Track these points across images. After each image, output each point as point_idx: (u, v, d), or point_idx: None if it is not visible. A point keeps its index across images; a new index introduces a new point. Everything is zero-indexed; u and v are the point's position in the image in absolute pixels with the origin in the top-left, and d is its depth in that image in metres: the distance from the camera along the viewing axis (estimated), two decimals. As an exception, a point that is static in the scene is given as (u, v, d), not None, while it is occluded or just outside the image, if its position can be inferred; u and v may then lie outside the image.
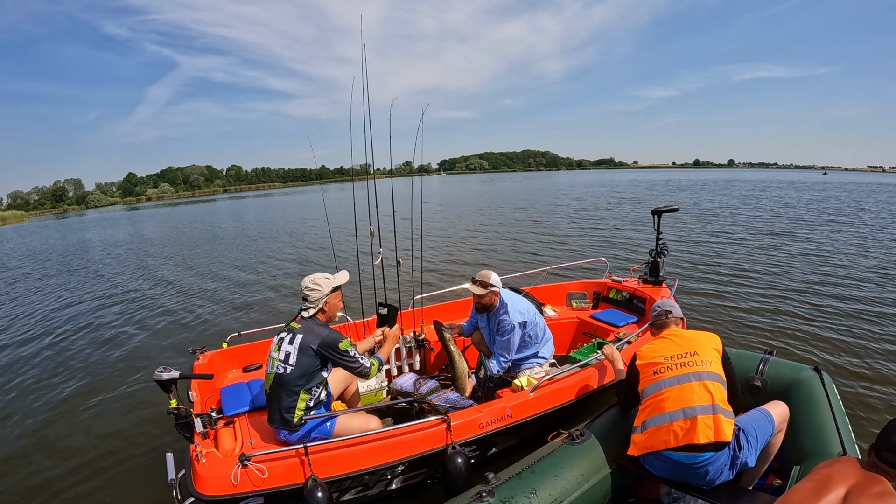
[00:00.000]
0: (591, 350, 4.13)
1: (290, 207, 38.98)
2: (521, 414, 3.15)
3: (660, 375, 2.57)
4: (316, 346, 2.84)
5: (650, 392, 2.59)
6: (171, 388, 2.76)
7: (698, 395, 2.44)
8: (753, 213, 19.96)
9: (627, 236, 13.68)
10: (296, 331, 2.90)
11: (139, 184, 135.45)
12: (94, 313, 9.02)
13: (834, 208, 21.46)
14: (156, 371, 2.73)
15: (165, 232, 24.81)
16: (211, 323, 7.83)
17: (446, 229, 17.61)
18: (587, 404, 3.54)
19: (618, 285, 5.31)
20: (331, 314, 3.06)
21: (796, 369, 3.17)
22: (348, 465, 2.72)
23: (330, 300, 3.00)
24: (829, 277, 8.62)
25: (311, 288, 2.95)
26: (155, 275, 12.61)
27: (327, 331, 2.92)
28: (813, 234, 13.38)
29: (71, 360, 6.56)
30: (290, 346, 2.86)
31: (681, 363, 2.56)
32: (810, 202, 24.77)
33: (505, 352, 3.80)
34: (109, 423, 4.70)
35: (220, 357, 4.06)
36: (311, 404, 2.92)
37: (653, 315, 3.01)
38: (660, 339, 2.80)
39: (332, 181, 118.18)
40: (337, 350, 2.88)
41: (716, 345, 2.68)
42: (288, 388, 2.84)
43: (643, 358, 2.72)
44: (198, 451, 2.66)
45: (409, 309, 4.63)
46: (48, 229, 37.82)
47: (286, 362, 2.84)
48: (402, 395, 3.86)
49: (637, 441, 2.58)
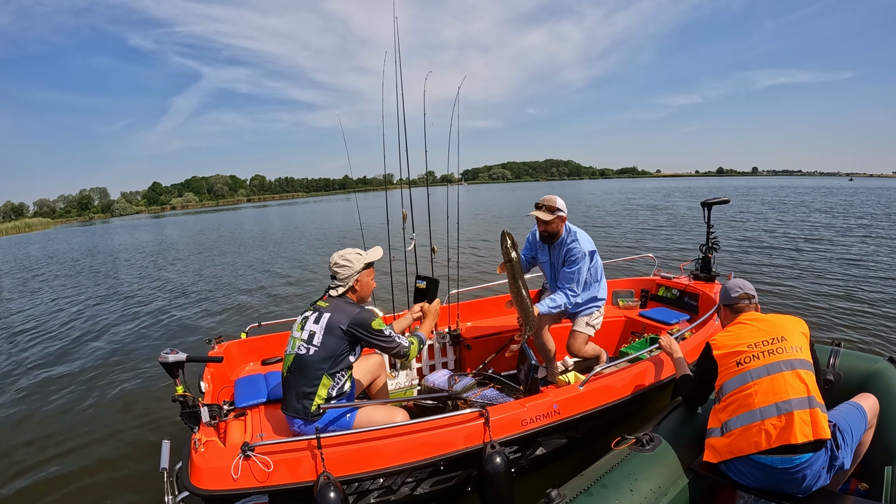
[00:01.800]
0: (643, 345, 3.74)
1: (316, 213, 40.10)
2: (569, 410, 2.75)
3: (745, 366, 2.16)
4: (346, 325, 2.53)
5: (733, 387, 2.18)
6: (178, 372, 2.53)
7: (792, 386, 2.04)
8: (786, 215, 19.51)
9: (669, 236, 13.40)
10: (323, 309, 2.61)
11: (164, 193, 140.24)
12: (113, 306, 9.14)
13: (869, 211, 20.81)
14: (161, 353, 2.50)
15: (196, 237, 25.49)
16: (232, 313, 7.85)
17: (480, 229, 17.49)
18: (643, 403, 3.15)
19: (668, 282, 4.90)
20: (363, 294, 2.77)
21: (870, 361, 2.86)
22: (367, 463, 2.36)
23: (362, 278, 2.72)
24: (873, 267, 8.41)
25: (340, 264, 2.67)
26: (173, 273, 12.89)
27: (358, 308, 2.62)
28: (841, 237, 12.85)
29: (81, 349, 6.63)
30: (316, 325, 2.56)
31: (768, 350, 2.15)
32: (840, 205, 24.40)
33: (574, 284, 3.46)
34: (109, 410, 4.65)
35: (237, 348, 3.79)
36: (333, 393, 2.59)
37: (730, 297, 2.52)
38: (737, 325, 2.38)
39: (356, 191, 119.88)
40: (369, 329, 2.56)
41: (803, 329, 2.27)
42: (309, 370, 2.53)
43: (721, 347, 2.30)
44: (197, 439, 2.37)
45: (444, 304, 4.30)
46: (76, 235, 39.34)
47: (309, 342, 2.54)
48: (434, 392, 3.52)
49: (717, 445, 2.18)
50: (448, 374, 3.62)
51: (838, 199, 29.20)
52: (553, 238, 3.56)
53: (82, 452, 3.92)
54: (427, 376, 3.67)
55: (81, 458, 3.85)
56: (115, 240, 28.79)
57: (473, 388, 3.36)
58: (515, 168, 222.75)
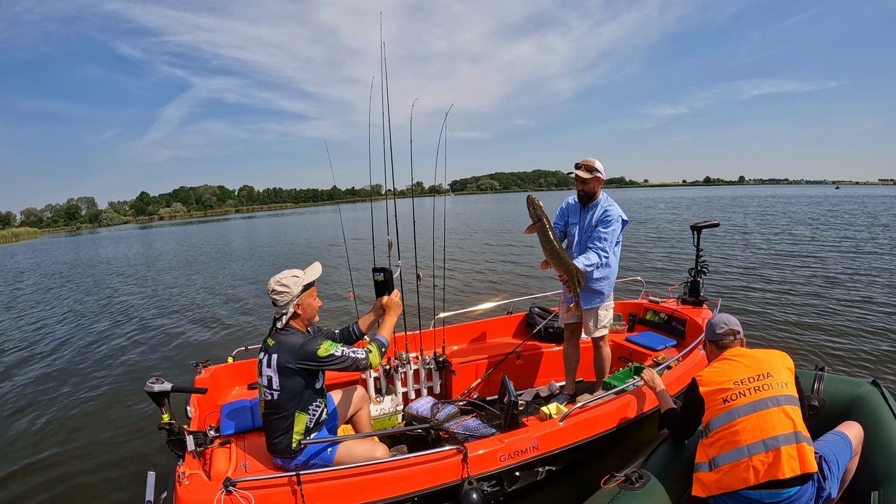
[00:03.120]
0: (627, 375, 3.74)
1: (303, 226, 39.60)
2: (548, 446, 2.77)
3: (731, 403, 2.21)
4: (293, 363, 2.48)
5: (720, 423, 2.22)
6: (164, 401, 2.56)
7: (779, 422, 2.10)
8: (767, 227, 19.62)
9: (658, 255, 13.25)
10: (270, 350, 2.55)
11: (152, 203, 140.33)
12: (94, 325, 9.06)
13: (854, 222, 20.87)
14: (147, 382, 2.53)
15: (184, 253, 25.08)
16: (220, 336, 7.74)
17: (465, 246, 17.40)
18: (623, 435, 3.15)
19: (655, 306, 4.92)
20: (307, 316, 2.65)
21: (854, 385, 2.86)
22: (346, 498, 2.38)
23: (303, 301, 2.59)
24: (854, 287, 8.43)
25: (277, 291, 2.54)
26: (163, 289, 12.75)
27: (301, 340, 2.52)
28: (818, 249, 12.98)
29: (74, 370, 6.51)
30: (269, 369, 2.53)
31: (755, 387, 2.21)
32: (825, 216, 24.59)
33: (606, 244, 3.48)
34: (100, 435, 4.56)
35: (224, 372, 3.81)
36: (311, 424, 2.61)
37: (715, 333, 2.55)
38: (722, 361, 2.42)
39: (344, 202, 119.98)
40: (318, 359, 2.50)
41: (788, 364, 2.34)
42: (281, 412, 2.54)
43: (707, 384, 2.33)
44: (181, 472, 2.38)
45: (430, 329, 4.32)
46: (62, 246, 39.07)
47: (270, 387, 2.54)
48: (417, 420, 3.53)
49: (706, 480, 2.22)
50: (432, 401, 3.63)
51: (823, 210, 29.37)
52: (590, 199, 3.61)
53: (66, 479, 3.89)
54: (411, 403, 3.69)
55: (64, 483, 3.82)
56: (102, 251, 28.69)
57: (456, 417, 3.36)
58: (503, 179, 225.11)
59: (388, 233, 3.79)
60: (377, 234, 3.97)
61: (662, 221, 24.59)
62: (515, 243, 17.45)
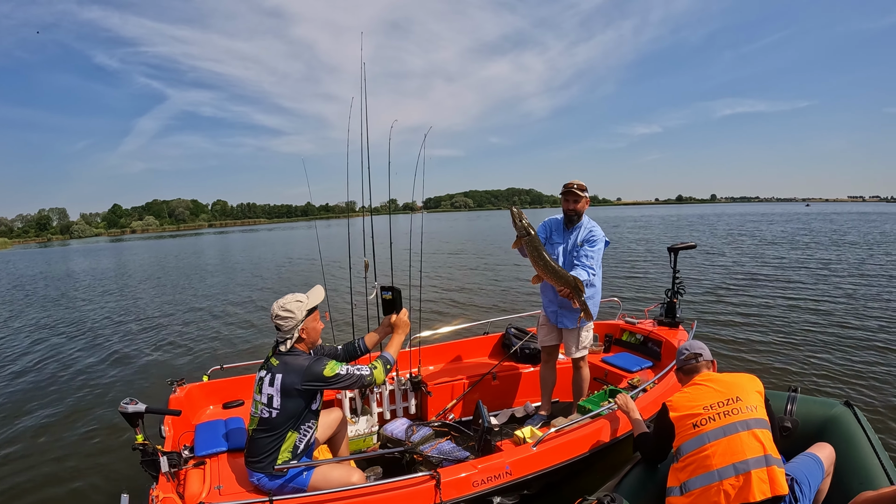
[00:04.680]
0: (602, 398, 3.76)
1: (277, 242, 39.40)
2: (522, 471, 2.76)
3: (701, 428, 2.24)
4: (300, 385, 2.50)
5: (691, 448, 2.25)
6: (138, 422, 2.55)
7: (749, 446, 2.13)
8: (737, 247, 19.76)
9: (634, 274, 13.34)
10: (274, 369, 2.56)
11: (124, 216, 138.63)
12: (71, 341, 8.89)
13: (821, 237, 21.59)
14: (121, 403, 2.53)
15: (156, 271, 24.57)
16: (196, 353, 7.60)
17: (442, 265, 17.27)
18: (597, 459, 3.16)
19: (631, 327, 4.96)
20: (311, 339, 2.69)
21: (827, 406, 2.88)
22: (318, 525, 2.34)
23: (307, 325, 2.62)
24: (828, 307, 8.55)
25: (282, 316, 2.57)
26: (139, 304, 12.50)
27: (308, 361, 2.55)
28: (791, 269, 13.18)
29: (42, 388, 6.36)
30: (272, 387, 2.53)
31: (724, 412, 2.24)
32: (796, 233, 25.29)
33: (593, 262, 3.52)
34: (74, 455, 4.44)
35: (199, 391, 3.77)
36: (301, 445, 2.60)
37: (680, 359, 2.66)
38: (693, 385, 2.46)
39: (318, 218, 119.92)
40: (325, 379, 2.53)
41: (758, 387, 2.38)
42: (276, 430, 2.53)
43: (677, 409, 2.37)
44: (155, 495, 2.35)
45: (406, 349, 4.29)
46: (32, 258, 38.27)
47: (270, 406, 2.53)
48: (392, 442, 3.50)
49: None
50: (407, 423, 3.60)
51: (795, 227, 30.18)
52: (576, 220, 3.65)
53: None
54: (386, 425, 3.65)
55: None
56: (73, 265, 28.04)
57: (431, 440, 3.35)
58: (478, 196, 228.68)
59: (364, 252, 3.78)
60: (354, 251, 3.98)
61: (634, 241, 24.77)
62: (491, 263, 17.42)
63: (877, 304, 8.56)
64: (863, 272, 12.07)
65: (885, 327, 7.09)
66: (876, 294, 9.48)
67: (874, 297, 9.15)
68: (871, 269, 12.46)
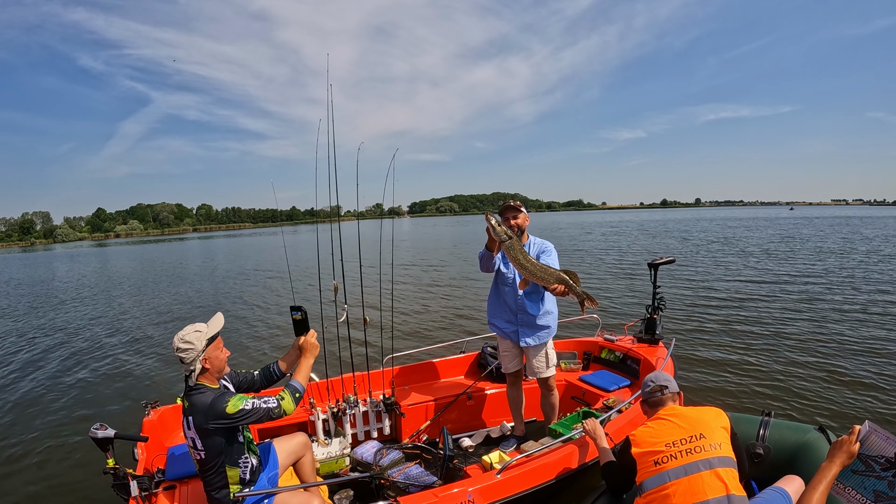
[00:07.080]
0: (574, 420, 3.74)
1: (256, 248, 38.90)
2: (485, 499, 2.72)
3: (662, 466, 2.20)
4: (208, 424, 2.40)
5: (652, 486, 2.21)
6: (108, 446, 2.57)
7: (710, 486, 2.08)
8: (718, 260, 19.09)
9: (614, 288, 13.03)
10: (186, 412, 2.47)
11: (108, 220, 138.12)
12: (47, 354, 8.79)
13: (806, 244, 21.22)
14: (91, 428, 2.55)
15: (139, 278, 24.12)
16: (169, 375, 7.38)
17: (419, 278, 16.72)
18: (565, 485, 3.13)
19: (610, 344, 4.94)
20: (217, 368, 2.55)
21: (801, 431, 2.83)
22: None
23: (209, 354, 2.49)
24: (806, 328, 8.30)
25: (182, 349, 2.43)
26: (114, 320, 12.15)
27: (209, 399, 2.41)
28: (774, 285, 12.70)
29: (19, 405, 6.18)
30: (190, 431, 2.46)
31: (686, 450, 2.19)
32: (779, 241, 24.94)
33: None
34: (47, 476, 4.37)
35: (173, 413, 3.73)
36: (246, 476, 2.55)
37: (645, 391, 2.62)
38: (657, 420, 2.42)
39: (302, 223, 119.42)
40: (229, 417, 2.40)
41: (723, 423, 2.32)
42: (212, 469, 2.48)
43: (640, 445, 2.33)
44: None
45: (380, 369, 4.26)
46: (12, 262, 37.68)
47: (196, 448, 2.47)
48: (361, 465, 3.47)
49: None
50: (377, 446, 3.57)
51: (777, 232, 29.98)
52: (522, 236, 3.64)
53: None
54: (356, 448, 3.62)
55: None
56: (59, 272, 27.78)
57: (400, 464, 3.32)
58: (463, 201, 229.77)
59: (333, 273, 3.76)
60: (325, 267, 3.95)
61: (620, 251, 23.96)
62: (467, 279, 16.51)
63: (859, 327, 8.25)
64: (847, 286, 11.83)
65: (864, 352, 6.82)
66: (860, 314, 9.14)
67: (858, 319, 8.82)
68: (859, 281, 12.31)
